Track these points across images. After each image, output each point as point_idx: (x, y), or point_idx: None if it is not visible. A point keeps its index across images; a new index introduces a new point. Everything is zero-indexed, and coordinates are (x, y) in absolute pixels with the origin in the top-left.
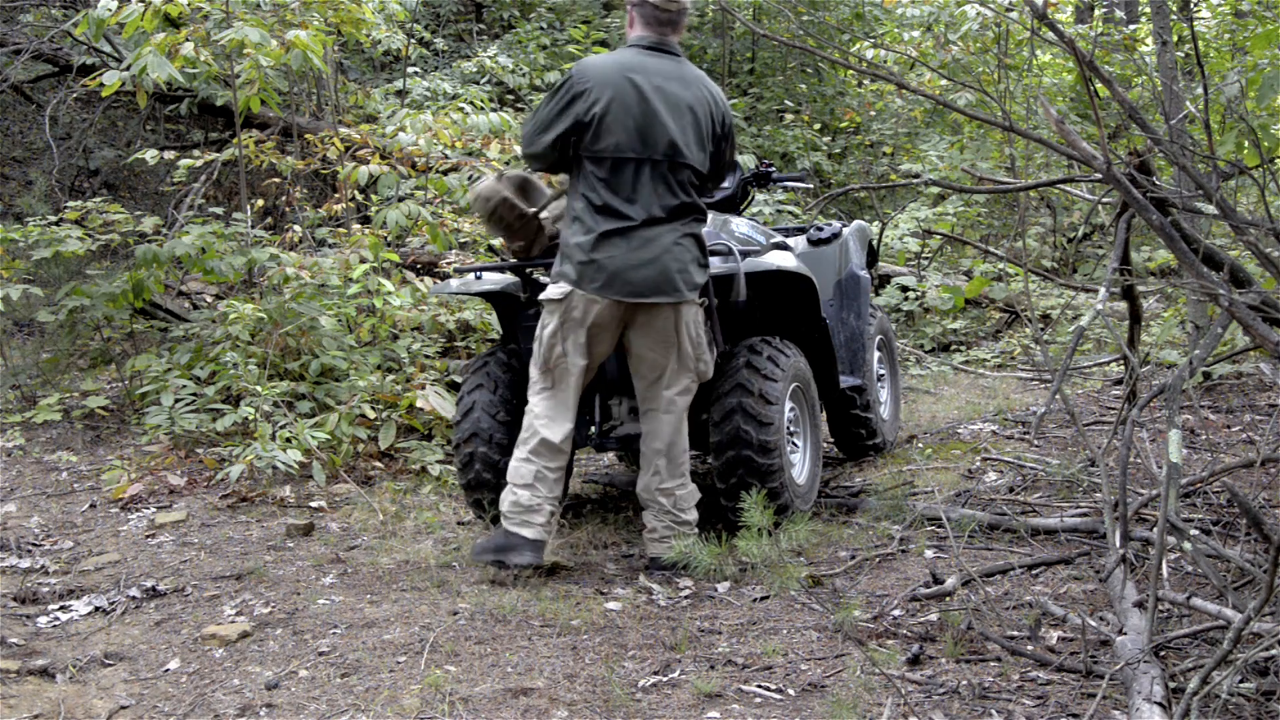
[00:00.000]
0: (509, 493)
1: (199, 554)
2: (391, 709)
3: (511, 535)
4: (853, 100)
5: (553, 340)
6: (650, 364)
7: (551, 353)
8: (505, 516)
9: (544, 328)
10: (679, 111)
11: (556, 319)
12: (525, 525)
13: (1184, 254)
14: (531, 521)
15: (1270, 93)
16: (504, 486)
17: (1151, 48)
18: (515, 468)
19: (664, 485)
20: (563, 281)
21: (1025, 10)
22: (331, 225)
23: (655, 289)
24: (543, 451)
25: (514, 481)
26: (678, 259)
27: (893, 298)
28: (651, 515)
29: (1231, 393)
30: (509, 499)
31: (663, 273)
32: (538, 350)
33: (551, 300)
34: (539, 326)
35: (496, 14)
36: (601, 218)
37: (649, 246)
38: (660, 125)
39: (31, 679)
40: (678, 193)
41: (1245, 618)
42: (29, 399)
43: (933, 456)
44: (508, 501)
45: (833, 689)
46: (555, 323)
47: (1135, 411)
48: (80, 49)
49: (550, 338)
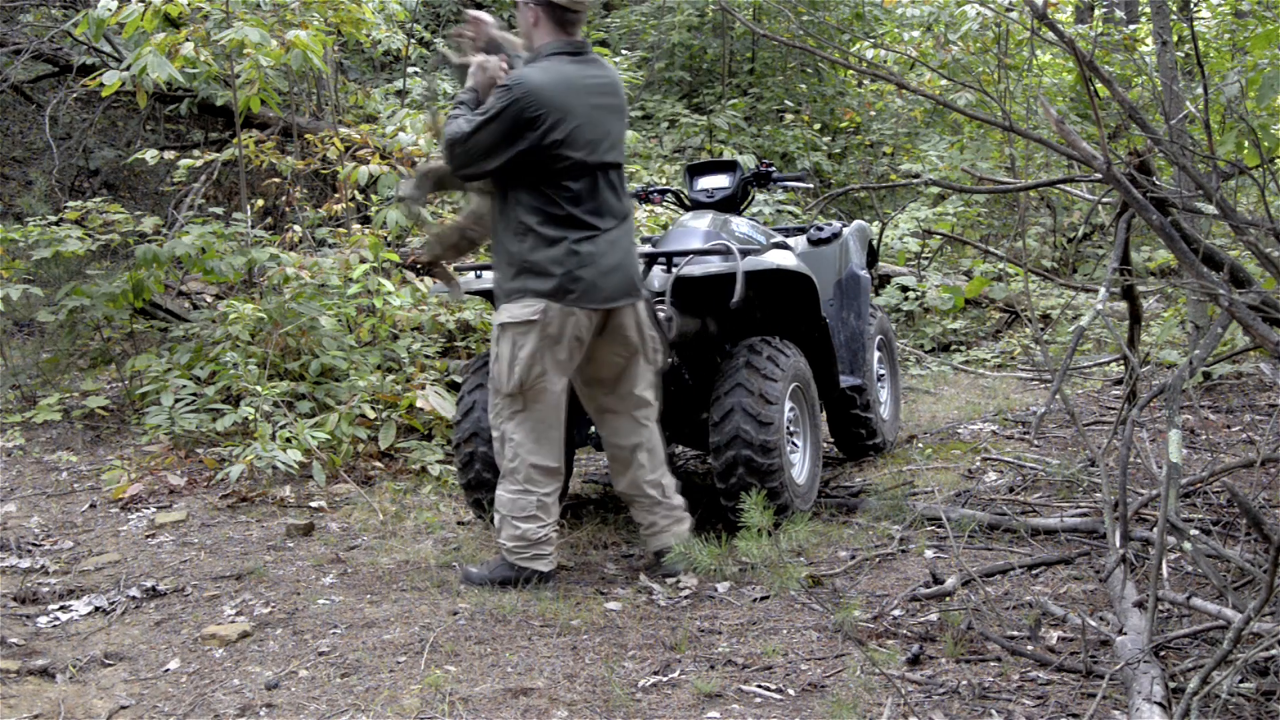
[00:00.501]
0: (508, 525)
1: (199, 554)
2: (391, 709)
3: (522, 569)
4: (853, 100)
5: (531, 362)
6: (611, 365)
7: (530, 374)
8: (509, 551)
9: (518, 349)
10: (617, 117)
11: (533, 339)
12: (537, 559)
13: (1184, 254)
14: (543, 554)
15: (1270, 93)
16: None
17: (1151, 48)
18: (511, 500)
19: (650, 477)
20: (530, 298)
21: (1025, 10)
22: (331, 225)
23: (625, 291)
24: (538, 479)
25: (513, 515)
26: (634, 258)
27: (893, 298)
28: (644, 510)
29: (1231, 393)
30: (510, 532)
31: (628, 274)
32: (507, 373)
33: (523, 321)
34: (502, 348)
35: (496, 14)
36: (565, 228)
37: (614, 250)
38: (607, 135)
39: (31, 679)
40: (621, 194)
41: (1245, 618)
42: (29, 399)
43: (933, 456)
44: (508, 535)
45: (833, 689)
46: (532, 343)
47: (1135, 411)
48: (80, 49)
49: (529, 359)
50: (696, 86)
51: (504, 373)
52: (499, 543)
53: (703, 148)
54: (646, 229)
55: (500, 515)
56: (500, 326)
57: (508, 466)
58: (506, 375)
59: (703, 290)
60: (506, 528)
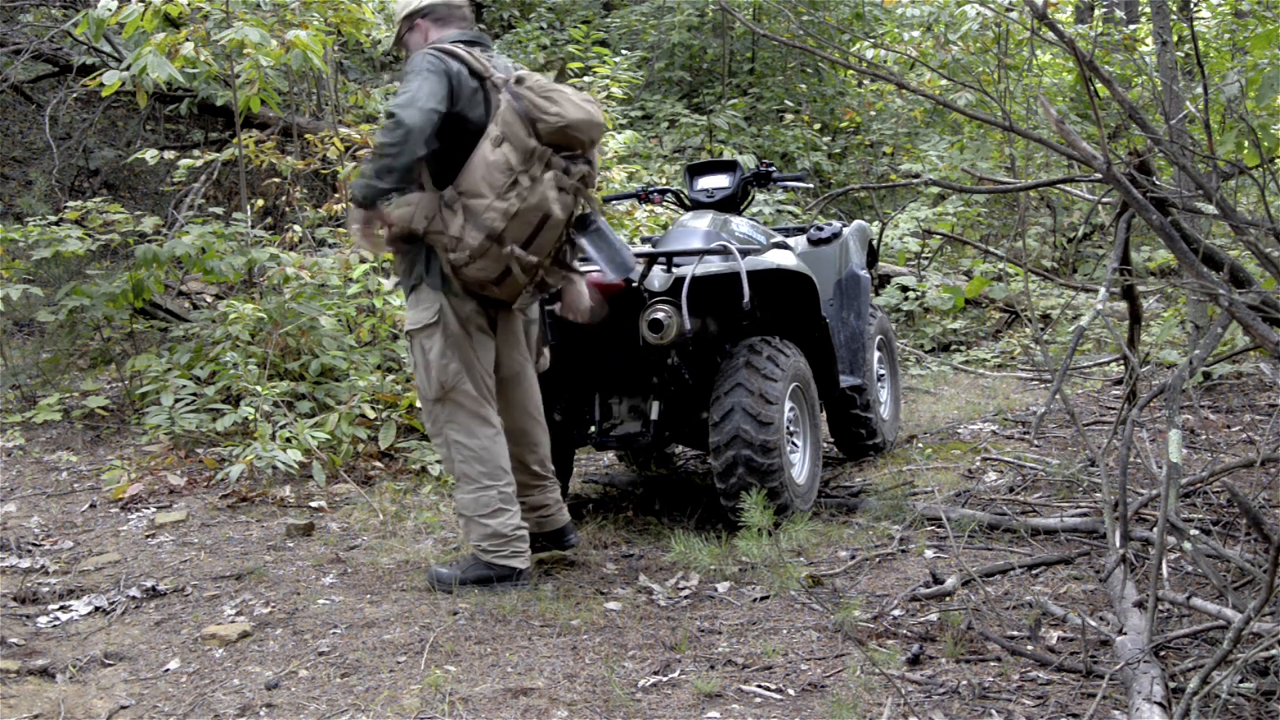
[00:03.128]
0: (477, 525)
1: (199, 554)
2: (391, 709)
3: (499, 567)
4: (853, 100)
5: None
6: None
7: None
8: (484, 550)
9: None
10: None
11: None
12: (515, 556)
13: (1184, 254)
14: (519, 550)
15: (1270, 93)
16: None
17: (1151, 48)
18: (473, 500)
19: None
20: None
21: (1025, 10)
22: (331, 225)
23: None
24: (498, 475)
25: (476, 514)
26: None
27: (893, 298)
28: (543, 488)
29: (1231, 393)
30: (479, 531)
31: None
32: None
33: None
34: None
35: (496, 14)
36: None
37: None
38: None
39: (31, 679)
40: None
41: (1245, 618)
42: (29, 399)
43: (933, 456)
44: (479, 534)
45: (833, 689)
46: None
47: (1135, 411)
48: (80, 49)
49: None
50: (696, 86)
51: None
52: (471, 544)
53: (703, 148)
54: (647, 229)
55: (465, 518)
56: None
57: (462, 470)
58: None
59: (704, 290)
60: (475, 526)
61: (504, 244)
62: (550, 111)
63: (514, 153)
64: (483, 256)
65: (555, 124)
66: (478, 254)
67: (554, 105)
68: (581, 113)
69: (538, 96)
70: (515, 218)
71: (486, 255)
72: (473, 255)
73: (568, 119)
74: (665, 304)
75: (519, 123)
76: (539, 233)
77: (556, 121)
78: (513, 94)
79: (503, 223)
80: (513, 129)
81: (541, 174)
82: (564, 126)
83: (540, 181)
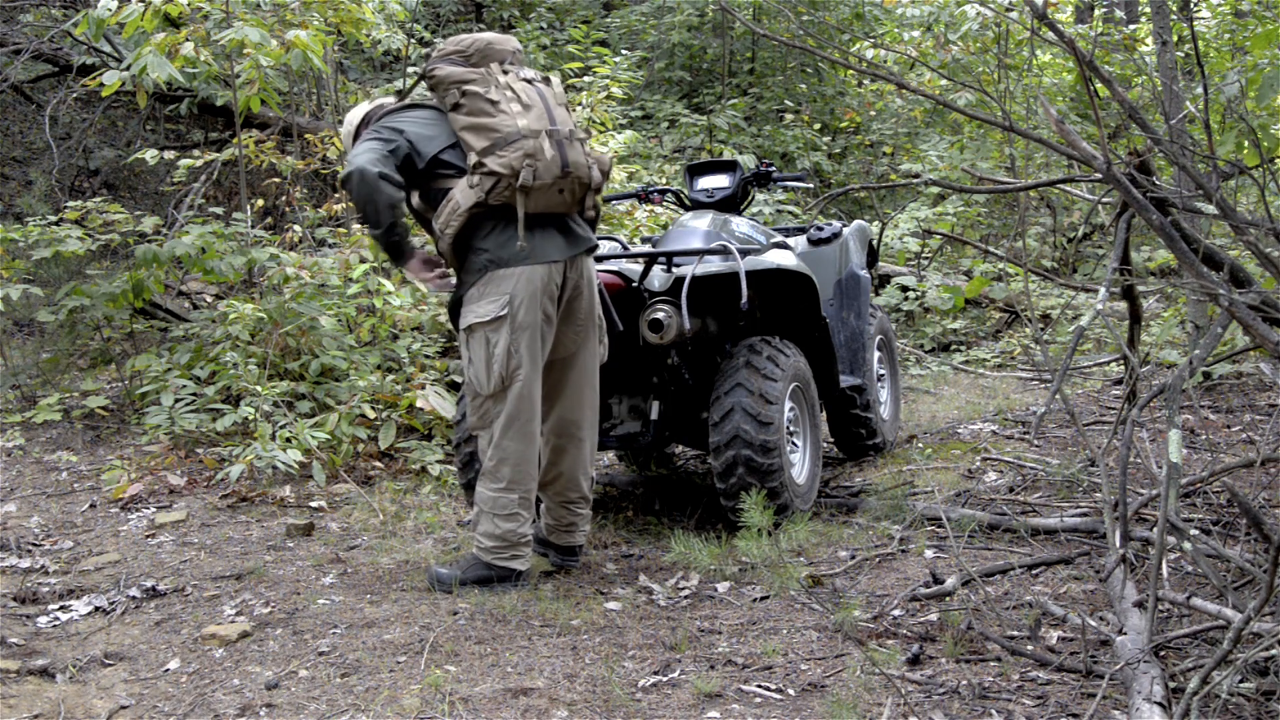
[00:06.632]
0: (487, 521)
1: (199, 554)
2: (391, 709)
3: (498, 569)
4: (853, 100)
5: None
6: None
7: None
8: (486, 550)
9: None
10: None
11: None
12: (515, 559)
13: (1184, 254)
14: (521, 554)
15: (1270, 93)
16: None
17: (1151, 48)
18: (493, 498)
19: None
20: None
21: (1025, 10)
22: (331, 225)
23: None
24: (524, 480)
25: (492, 511)
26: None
27: (893, 298)
28: (582, 507)
29: (1231, 393)
30: (488, 528)
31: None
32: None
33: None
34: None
35: (496, 14)
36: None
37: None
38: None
39: (31, 679)
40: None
41: (1245, 618)
42: (29, 399)
43: (933, 456)
44: (486, 534)
45: (833, 689)
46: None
47: (1135, 411)
48: (80, 49)
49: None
50: (696, 86)
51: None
52: (474, 539)
53: (703, 148)
54: (646, 229)
55: (480, 510)
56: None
57: (489, 467)
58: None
59: (703, 290)
60: (484, 522)
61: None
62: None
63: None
64: (533, 156)
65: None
66: (530, 154)
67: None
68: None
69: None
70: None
71: (536, 154)
72: (529, 155)
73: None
74: (665, 304)
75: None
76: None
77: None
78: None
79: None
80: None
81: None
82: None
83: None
